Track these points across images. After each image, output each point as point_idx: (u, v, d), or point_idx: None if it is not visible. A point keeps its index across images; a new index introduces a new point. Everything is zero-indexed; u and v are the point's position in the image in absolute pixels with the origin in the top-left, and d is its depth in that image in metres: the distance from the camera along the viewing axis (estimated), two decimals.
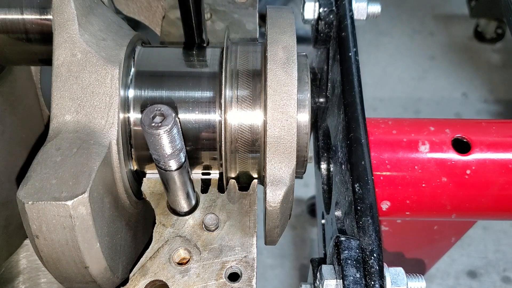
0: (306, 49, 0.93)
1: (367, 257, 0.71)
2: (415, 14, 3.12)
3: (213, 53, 0.83)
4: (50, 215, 0.64)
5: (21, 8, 0.78)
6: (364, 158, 0.79)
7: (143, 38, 0.86)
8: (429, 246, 1.39)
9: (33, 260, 1.10)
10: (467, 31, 3.01)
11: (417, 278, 0.74)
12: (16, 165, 1.00)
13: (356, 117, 0.83)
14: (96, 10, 0.79)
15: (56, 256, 0.68)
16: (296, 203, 2.29)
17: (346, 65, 0.90)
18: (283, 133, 0.75)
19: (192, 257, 0.78)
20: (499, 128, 1.03)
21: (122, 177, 0.75)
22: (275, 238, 0.83)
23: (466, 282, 2.20)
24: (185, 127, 0.77)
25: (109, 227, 0.72)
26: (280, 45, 0.77)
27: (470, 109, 2.72)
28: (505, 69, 2.89)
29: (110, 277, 0.73)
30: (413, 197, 1.00)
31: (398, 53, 2.95)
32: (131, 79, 0.78)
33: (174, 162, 0.69)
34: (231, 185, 0.84)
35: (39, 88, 1.04)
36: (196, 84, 0.79)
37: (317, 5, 0.98)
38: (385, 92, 2.79)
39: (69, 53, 0.73)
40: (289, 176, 0.75)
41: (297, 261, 2.26)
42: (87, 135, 0.71)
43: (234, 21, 1.04)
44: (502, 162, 0.99)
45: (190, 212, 0.81)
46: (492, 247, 2.28)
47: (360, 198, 0.76)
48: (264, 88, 0.77)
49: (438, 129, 1.02)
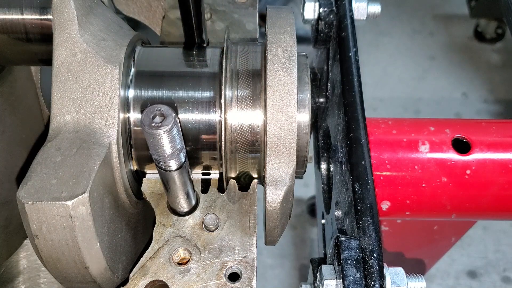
0: (306, 49, 0.93)
1: (367, 257, 0.71)
2: (415, 14, 3.12)
3: (213, 53, 0.83)
4: (50, 215, 0.64)
5: (21, 8, 0.78)
6: (364, 158, 0.79)
7: (143, 38, 0.86)
8: (429, 246, 1.39)
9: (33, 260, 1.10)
10: (467, 31, 3.01)
11: (417, 278, 0.74)
12: (16, 165, 1.00)
13: (356, 117, 0.83)
14: (96, 10, 0.79)
15: (56, 256, 0.68)
16: (296, 203, 2.29)
17: (346, 65, 0.90)
18: (283, 133, 0.75)
19: (192, 257, 0.78)
20: (499, 128, 1.03)
21: (122, 177, 0.75)
22: (275, 238, 0.83)
23: (466, 282, 2.20)
24: (185, 127, 0.77)
25: (109, 227, 0.72)
26: (280, 45, 0.77)
27: (470, 109, 2.72)
28: (505, 69, 2.89)
29: (110, 277, 0.73)
30: (413, 197, 1.00)
31: (398, 53, 2.95)
32: (131, 79, 0.78)
33: (174, 162, 0.69)
34: (231, 185, 0.84)
35: (39, 88, 1.04)
36: (196, 84, 0.79)
37: (317, 5, 0.98)
38: (385, 92, 2.79)
39: (69, 53, 0.73)
40: (289, 176, 0.75)
41: (297, 261, 2.26)
42: (87, 135, 0.71)
43: (234, 21, 1.04)
44: (502, 162, 0.99)
45: (190, 212, 0.81)
46: (492, 247, 2.28)
47: (360, 198, 0.76)
48: (264, 88, 0.77)
49: (438, 129, 1.02)
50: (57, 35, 0.73)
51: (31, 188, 0.65)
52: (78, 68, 0.73)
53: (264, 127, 0.76)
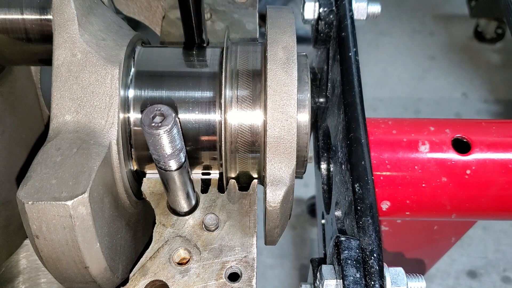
0: (306, 49, 0.93)
1: (367, 257, 0.71)
2: (415, 14, 3.12)
3: (213, 53, 0.83)
4: (50, 215, 0.64)
5: (21, 8, 0.78)
6: (364, 158, 0.79)
7: (143, 38, 0.86)
8: (429, 246, 1.39)
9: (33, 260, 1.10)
10: (467, 31, 3.01)
11: (417, 278, 0.74)
12: (16, 165, 1.00)
13: (356, 117, 0.83)
14: (96, 10, 0.79)
15: (56, 256, 0.68)
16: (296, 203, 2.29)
17: (346, 65, 0.90)
18: (283, 133, 0.75)
19: (192, 257, 0.78)
20: (499, 128, 1.03)
21: (122, 177, 0.75)
22: (275, 238, 0.83)
23: (466, 282, 2.20)
24: (185, 127, 0.77)
25: (109, 227, 0.72)
26: (280, 45, 0.77)
27: (470, 109, 2.72)
28: (505, 69, 2.89)
29: (110, 277, 0.73)
30: (413, 197, 1.00)
31: (398, 53, 2.95)
32: (131, 79, 0.78)
33: (174, 162, 0.69)
34: (231, 185, 0.84)
35: (39, 88, 1.04)
36: (196, 84, 0.79)
37: (317, 5, 0.98)
38: (385, 92, 2.79)
39: (69, 53, 0.73)
40: (289, 176, 0.75)
41: (297, 261, 2.26)
42: (87, 135, 0.71)
43: (234, 21, 1.04)
44: (502, 162, 0.99)
45: (190, 212, 0.81)
46: (492, 247, 2.28)
47: (360, 198, 0.76)
48: (264, 88, 0.77)
49: (438, 129, 1.02)
50: (57, 35, 0.73)
51: (31, 188, 0.65)
52: (78, 68, 0.73)
53: (264, 127, 0.76)
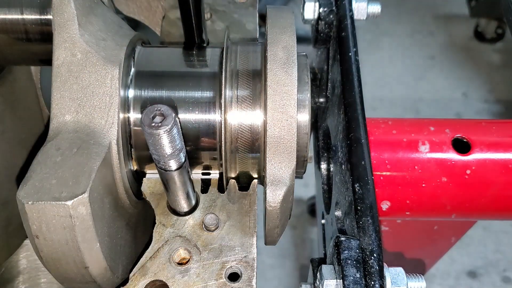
0: (306, 49, 0.93)
1: (367, 257, 0.71)
2: (415, 14, 3.13)
3: (213, 53, 0.83)
4: (50, 215, 0.64)
5: (21, 8, 0.78)
6: (364, 158, 0.79)
7: (143, 38, 0.86)
8: (429, 246, 1.39)
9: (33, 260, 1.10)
10: (467, 31, 3.01)
11: (417, 278, 0.74)
12: (16, 165, 1.00)
13: (356, 117, 0.83)
14: (96, 10, 0.79)
15: (56, 256, 0.68)
16: (296, 203, 2.29)
17: (346, 65, 0.90)
18: (283, 133, 0.75)
19: (192, 257, 0.78)
20: (499, 128, 1.03)
21: (122, 177, 0.75)
22: (275, 238, 0.83)
23: (466, 282, 2.20)
24: (185, 127, 0.77)
25: (109, 227, 0.72)
26: (280, 45, 0.77)
27: (470, 109, 2.72)
28: (505, 69, 2.89)
29: (110, 277, 0.73)
30: (413, 197, 1.00)
31: (398, 53, 2.96)
32: (131, 79, 0.78)
33: (174, 162, 0.69)
34: (231, 185, 0.84)
35: (39, 88, 1.04)
36: (196, 84, 0.79)
37: (317, 5, 0.98)
38: (385, 92, 2.79)
39: (69, 53, 0.73)
40: (289, 176, 0.75)
41: (297, 261, 2.26)
42: (87, 135, 0.71)
43: (234, 21, 1.04)
44: (502, 162, 0.99)
45: (190, 212, 0.81)
46: (492, 247, 2.28)
47: (360, 198, 0.76)
48: (264, 88, 0.77)
49: (438, 129, 1.02)
50: (57, 35, 0.73)
51: (31, 188, 0.65)
52: (78, 68, 0.73)
53: (264, 127, 0.76)
